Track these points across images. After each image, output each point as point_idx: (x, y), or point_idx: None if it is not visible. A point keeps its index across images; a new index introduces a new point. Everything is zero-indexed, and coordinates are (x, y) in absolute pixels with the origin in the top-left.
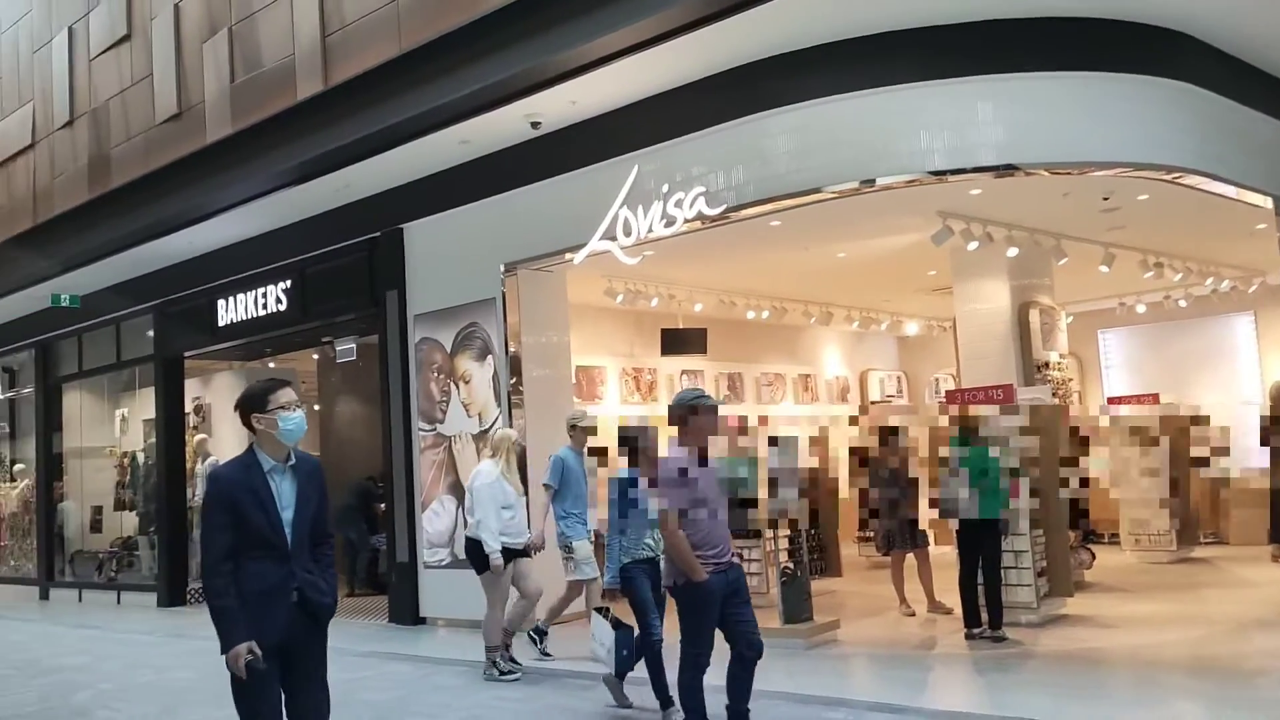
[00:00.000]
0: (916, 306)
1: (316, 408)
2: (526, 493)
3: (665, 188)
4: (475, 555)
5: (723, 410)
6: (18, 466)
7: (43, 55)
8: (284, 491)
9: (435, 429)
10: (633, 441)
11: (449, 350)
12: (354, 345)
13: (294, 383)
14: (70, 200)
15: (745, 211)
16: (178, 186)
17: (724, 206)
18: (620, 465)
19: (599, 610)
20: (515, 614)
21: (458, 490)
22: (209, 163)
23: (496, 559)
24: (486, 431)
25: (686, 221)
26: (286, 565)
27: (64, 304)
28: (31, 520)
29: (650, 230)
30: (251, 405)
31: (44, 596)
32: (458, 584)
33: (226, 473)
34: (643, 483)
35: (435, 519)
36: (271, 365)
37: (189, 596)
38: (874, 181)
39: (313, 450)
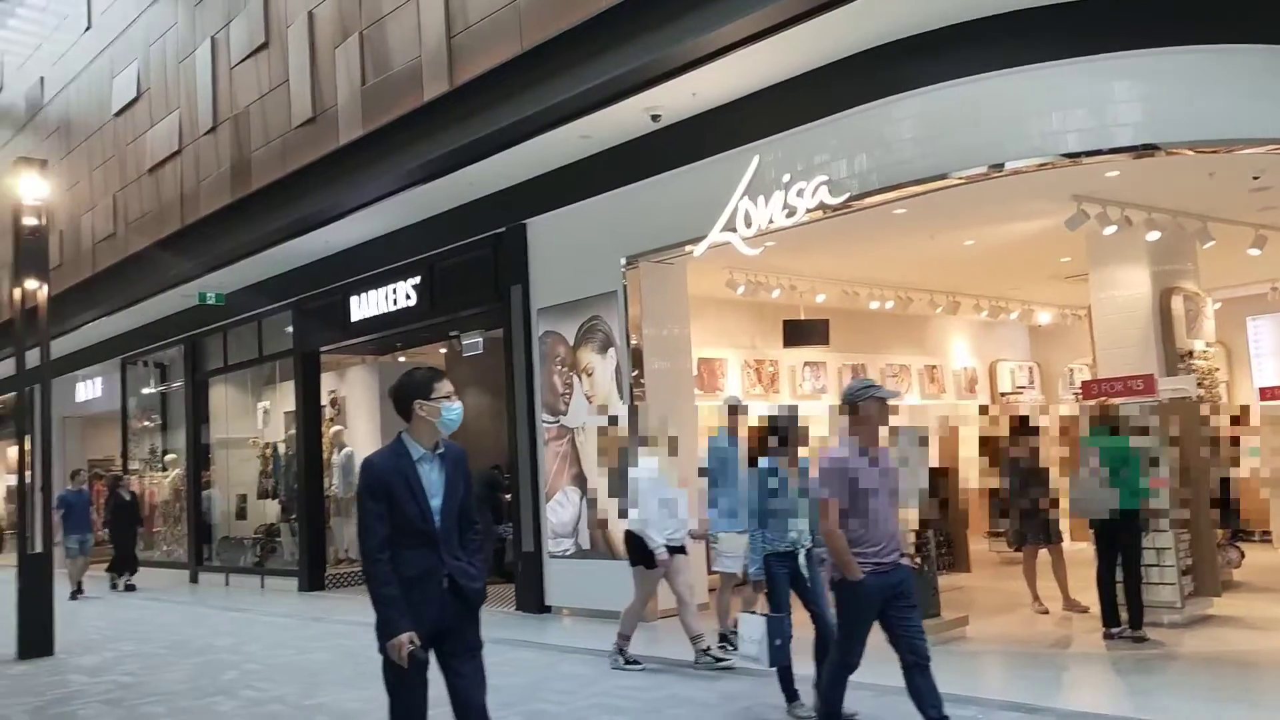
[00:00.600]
0: (1049, 294)
1: None
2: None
3: (786, 177)
4: (635, 549)
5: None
6: (169, 456)
7: (187, 65)
8: (433, 480)
9: (559, 421)
10: (781, 431)
11: (571, 343)
12: (480, 339)
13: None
14: (214, 203)
15: (869, 200)
16: (313, 187)
17: (847, 195)
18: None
19: (748, 612)
20: (688, 620)
21: (581, 481)
22: (342, 164)
23: (663, 554)
24: (610, 423)
25: (808, 211)
26: (436, 552)
27: (210, 302)
28: (182, 507)
29: (771, 221)
30: (416, 392)
31: (194, 580)
32: (582, 573)
33: (379, 461)
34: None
35: (559, 509)
36: (401, 359)
37: (327, 582)
38: (1003, 166)
39: None
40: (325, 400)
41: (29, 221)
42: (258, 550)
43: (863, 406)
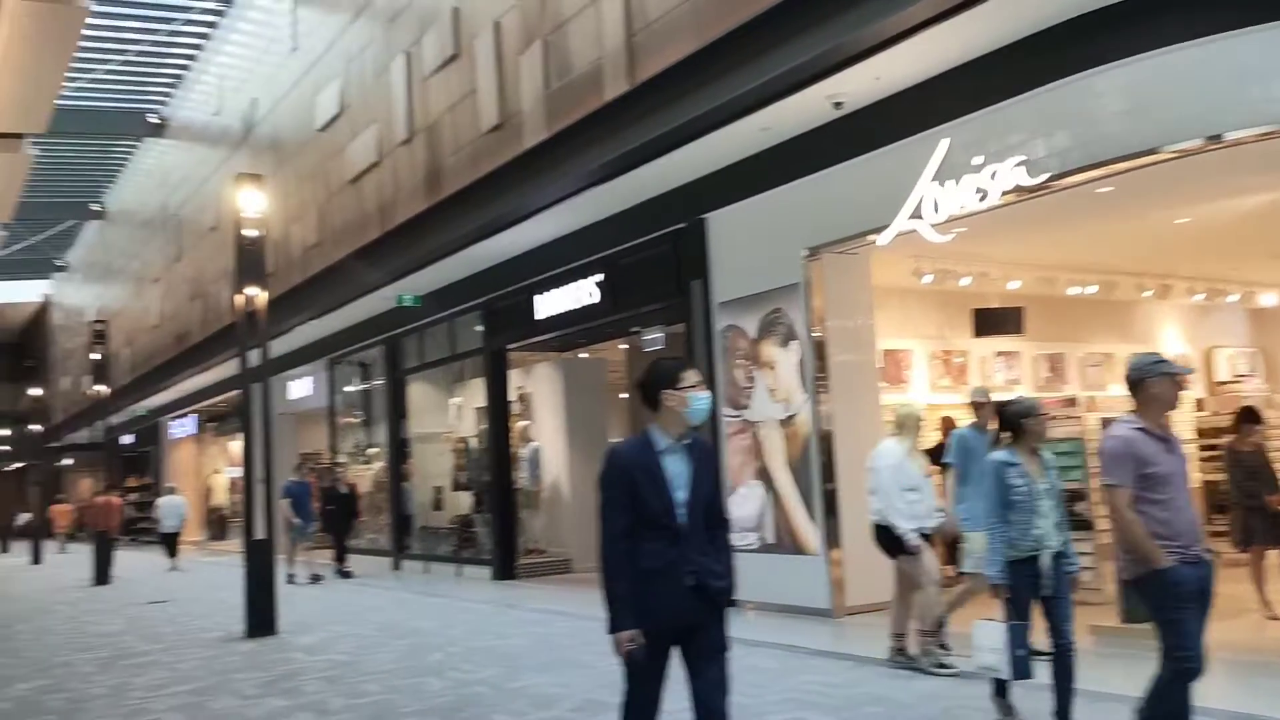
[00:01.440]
0: (1274, 274)
1: (624, 396)
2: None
3: (979, 160)
4: (885, 540)
5: (1042, 395)
6: (371, 450)
7: (383, 80)
8: (679, 472)
9: (741, 415)
10: (1014, 421)
11: (753, 336)
12: (661, 335)
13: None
14: (410, 210)
15: (1070, 179)
16: (500, 191)
17: (1046, 175)
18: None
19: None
20: (899, 613)
21: (764, 475)
22: (527, 167)
23: (913, 539)
24: (793, 417)
25: (1002, 194)
26: (678, 547)
27: (407, 304)
28: (385, 498)
29: (961, 206)
30: (664, 382)
31: (395, 567)
32: (766, 568)
33: (624, 450)
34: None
35: (743, 503)
36: (583, 356)
37: (518, 571)
38: (1222, 137)
39: (621, 436)
40: (512, 396)
41: (249, 233)
42: (454, 540)
43: (1151, 383)
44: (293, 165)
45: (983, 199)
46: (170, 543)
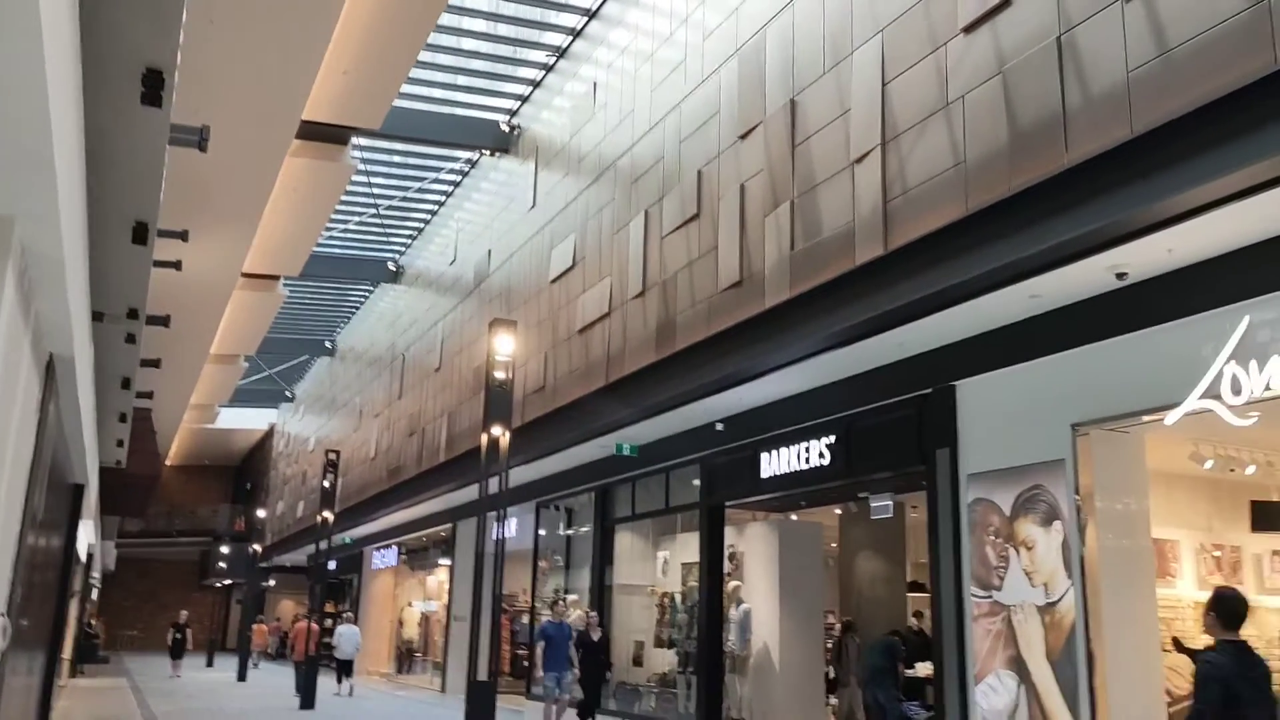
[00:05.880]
0: None
1: (830, 562)
2: None
3: None
4: None
5: None
6: (570, 597)
7: (621, 236)
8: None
9: (991, 596)
10: None
11: (1007, 513)
12: (890, 503)
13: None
14: (638, 362)
15: None
16: (734, 348)
17: None
18: None
19: None
20: None
21: (1018, 665)
22: (765, 326)
23: None
24: (1055, 604)
25: None
26: None
27: (625, 453)
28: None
29: (1267, 389)
30: None
31: None
32: None
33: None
34: None
35: (991, 695)
36: (794, 517)
37: None
38: None
39: (832, 606)
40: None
41: (498, 375)
42: (653, 699)
43: None
44: (521, 313)
45: None
46: (344, 668)
